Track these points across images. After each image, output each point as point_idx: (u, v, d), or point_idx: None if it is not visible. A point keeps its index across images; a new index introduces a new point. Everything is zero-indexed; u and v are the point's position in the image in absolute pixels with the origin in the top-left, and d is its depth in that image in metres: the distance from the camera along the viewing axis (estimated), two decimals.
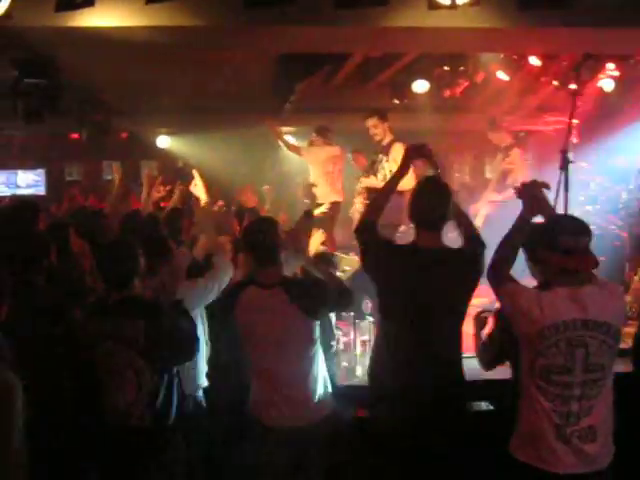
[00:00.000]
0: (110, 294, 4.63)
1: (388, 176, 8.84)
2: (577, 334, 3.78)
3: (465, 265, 4.52)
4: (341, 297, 4.79)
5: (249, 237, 4.81)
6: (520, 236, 4.20)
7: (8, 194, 16.44)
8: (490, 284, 4.19)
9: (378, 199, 4.97)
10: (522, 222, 4.23)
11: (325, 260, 5.89)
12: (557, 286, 3.88)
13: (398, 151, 9.05)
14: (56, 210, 12.50)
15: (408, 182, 8.53)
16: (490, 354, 4.39)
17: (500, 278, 4.10)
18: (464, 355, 4.71)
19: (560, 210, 6.08)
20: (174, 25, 6.89)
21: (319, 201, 10.83)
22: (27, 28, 6.75)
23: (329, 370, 5.29)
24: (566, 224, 3.96)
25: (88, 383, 4.57)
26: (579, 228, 3.92)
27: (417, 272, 4.49)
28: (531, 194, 4.29)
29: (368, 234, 4.72)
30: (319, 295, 4.61)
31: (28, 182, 17.37)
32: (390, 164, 9.14)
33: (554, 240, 3.86)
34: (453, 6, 6.63)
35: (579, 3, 6.82)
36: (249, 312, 4.62)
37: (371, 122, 9.40)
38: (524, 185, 4.37)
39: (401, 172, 4.94)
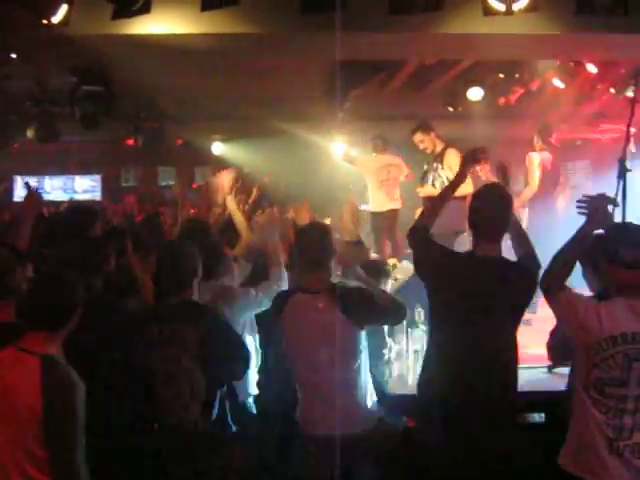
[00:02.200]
0: (166, 299, 4.66)
1: (446, 183, 8.76)
2: (635, 347, 3.69)
3: (521, 277, 4.44)
4: (391, 310, 4.75)
5: (299, 240, 4.83)
6: (579, 249, 4.11)
7: (65, 199, 16.71)
8: (544, 295, 4.12)
9: (434, 206, 4.93)
10: (583, 235, 4.15)
11: (376, 270, 5.86)
12: (616, 297, 3.80)
13: (452, 157, 9.00)
14: (113, 215, 12.68)
15: (467, 187, 8.52)
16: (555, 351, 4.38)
17: (555, 289, 4.03)
18: (519, 366, 4.64)
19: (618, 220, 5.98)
20: (230, 32, 6.93)
21: (375, 210, 10.84)
22: (84, 36, 6.83)
23: (380, 379, 5.27)
24: (629, 236, 3.83)
25: (144, 385, 4.59)
26: None
27: (472, 280, 4.42)
28: (596, 207, 4.18)
29: (419, 237, 4.67)
30: (366, 303, 4.57)
31: (85, 187, 17.64)
32: (445, 171, 9.08)
33: (616, 253, 3.76)
34: (509, 12, 6.56)
35: (637, 9, 6.72)
36: (295, 319, 4.61)
37: (417, 138, 9.41)
38: (591, 198, 4.27)
39: (458, 179, 4.89)
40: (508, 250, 4.64)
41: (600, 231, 4.12)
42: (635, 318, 3.71)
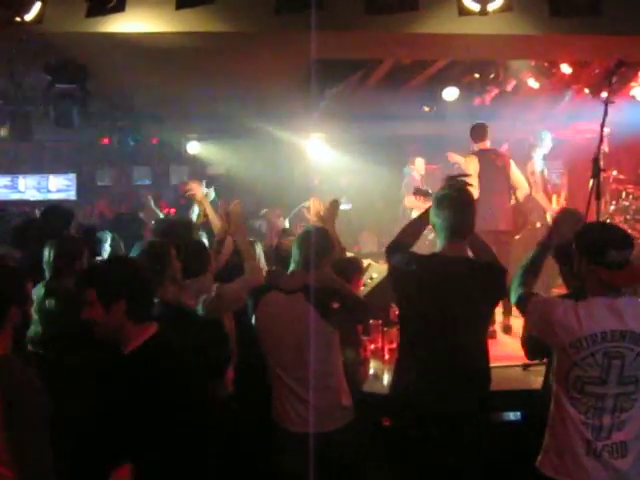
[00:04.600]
0: None
1: None
2: (615, 345, 3.71)
3: (490, 276, 4.47)
4: (357, 309, 4.79)
5: (299, 237, 4.88)
6: (543, 260, 4.21)
7: (39, 198, 16.60)
8: (517, 308, 4.16)
9: (414, 227, 4.91)
10: (547, 247, 4.24)
11: (350, 267, 5.87)
12: (594, 296, 3.81)
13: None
14: (88, 216, 12.61)
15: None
16: (530, 347, 4.42)
17: (525, 296, 4.06)
18: (493, 365, 4.66)
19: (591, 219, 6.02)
20: (204, 31, 6.91)
21: None
22: (58, 33, 6.78)
23: (355, 377, 5.27)
24: (613, 237, 3.81)
25: None
26: (625, 241, 3.79)
27: (440, 282, 4.43)
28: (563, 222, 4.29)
29: (398, 255, 4.67)
30: (340, 302, 4.60)
31: (59, 187, 17.51)
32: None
33: (601, 254, 3.76)
34: (484, 12, 6.58)
35: (612, 10, 6.77)
36: (268, 317, 4.64)
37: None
38: (559, 213, 4.37)
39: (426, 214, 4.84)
40: None
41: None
42: (614, 316, 3.73)
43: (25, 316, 3.73)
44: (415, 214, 8.86)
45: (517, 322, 6.63)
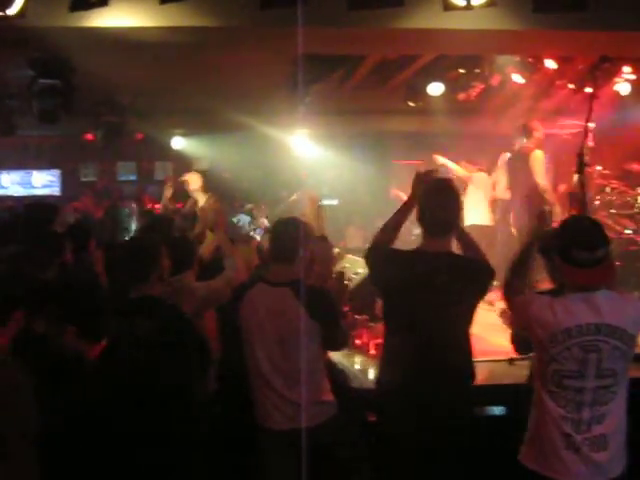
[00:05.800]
0: (125, 293, 4.61)
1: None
2: (590, 338, 3.73)
3: (471, 272, 4.48)
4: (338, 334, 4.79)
5: (274, 231, 4.86)
6: (531, 253, 4.22)
7: (23, 194, 16.55)
8: (506, 303, 4.19)
9: (395, 223, 4.89)
10: (534, 238, 4.27)
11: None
12: (571, 291, 3.83)
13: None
14: (73, 212, 12.56)
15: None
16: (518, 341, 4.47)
17: (513, 293, 4.09)
18: (479, 359, 4.67)
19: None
20: (188, 25, 6.89)
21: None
22: (41, 28, 6.75)
23: (340, 372, 5.27)
24: (581, 235, 3.83)
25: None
26: (594, 241, 3.79)
27: (421, 277, 4.43)
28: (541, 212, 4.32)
29: (378, 255, 4.70)
30: (327, 300, 4.60)
31: (43, 182, 17.45)
32: None
33: (569, 253, 3.78)
34: (468, 7, 6.60)
35: (596, 5, 6.79)
36: (253, 309, 4.61)
37: None
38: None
39: (411, 200, 4.79)
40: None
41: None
42: (590, 310, 3.75)
43: None
44: None
45: None
